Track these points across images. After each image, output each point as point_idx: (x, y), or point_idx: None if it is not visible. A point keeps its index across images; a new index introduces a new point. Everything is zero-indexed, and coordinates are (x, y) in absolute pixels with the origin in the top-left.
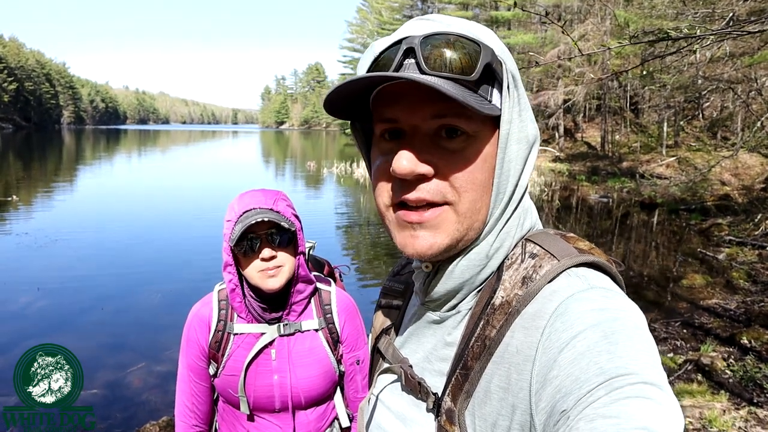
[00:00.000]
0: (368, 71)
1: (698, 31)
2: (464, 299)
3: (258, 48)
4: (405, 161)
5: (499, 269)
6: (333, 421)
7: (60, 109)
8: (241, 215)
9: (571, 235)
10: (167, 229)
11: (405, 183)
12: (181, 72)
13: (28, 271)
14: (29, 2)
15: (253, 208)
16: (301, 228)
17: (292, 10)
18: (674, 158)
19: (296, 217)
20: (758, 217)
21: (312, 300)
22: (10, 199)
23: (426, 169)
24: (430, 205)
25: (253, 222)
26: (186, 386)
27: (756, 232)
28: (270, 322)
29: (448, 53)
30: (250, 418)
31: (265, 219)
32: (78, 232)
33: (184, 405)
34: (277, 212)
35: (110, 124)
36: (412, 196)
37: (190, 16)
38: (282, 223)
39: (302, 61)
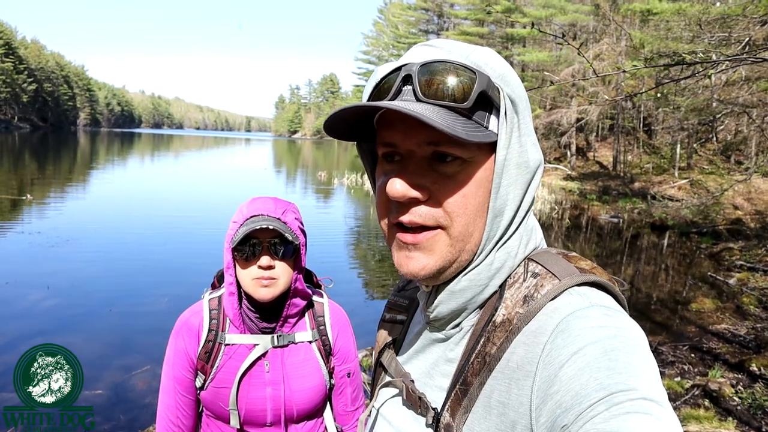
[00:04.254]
0: (370, 95)
1: (714, 56)
2: (467, 317)
3: (273, 57)
4: (398, 185)
5: (502, 288)
6: None
7: (77, 110)
8: (247, 219)
9: (573, 254)
10: (177, 233)
11: (401, 205)
12: (196, 78)
13: (39, 269)
14: (52, 6)
15: (261, 214)
16: (306, 243)
17: (309, 20)
18: (687, 180)
19: (303, 231)
20: None
21: (306, 312)
22: (24, 198)
23: (417, 193)
24: (424, 227)
25: (257, 228)
26: (170, 399)
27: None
28: (264, 331)
29: (444, 81)
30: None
31: (270, 227)
32: (90, 233)
33: (168, 419)
34: (284, 223)
35: (125, 127)
36: (405, 218)
37: (208, 24)
38: (286, 235)
39: (317, 71)
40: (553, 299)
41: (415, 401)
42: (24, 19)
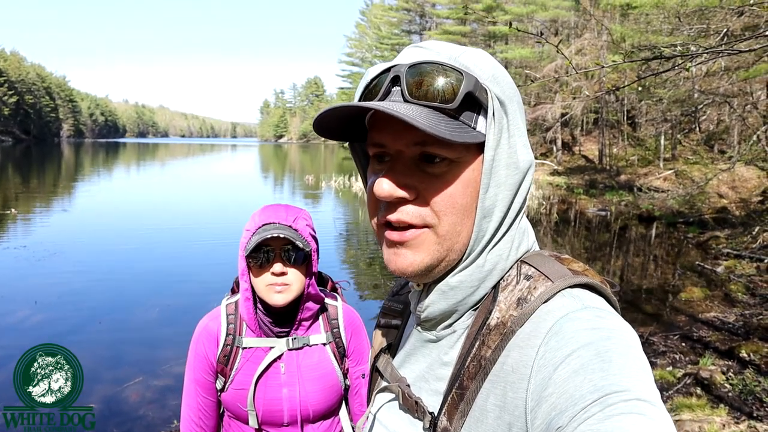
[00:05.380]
0: (361, 96)
1: (692, 48)
2: (460, 319)
3: (257, 62)
4: (385, 185)
5: (495, 290)
6: None
7: (59, 122)
8: (259, 227)
9: (566, 256)
10: (165, 243)
11: (389, 204)
12: (180, 86)
13: (25, 284)
14: (31, 16)
15: (273, 222)
16: (317, 249)
17: (292, 24)
18: (672, 171)
19: (314, 238)
20: (756, 229)
21: (320, 315)
22: (8, 212)
23: (404, 193)
24: (412, 226)
25: (269, 236)
26: (193, 401)
27: (754, 245)
28: (279, 335)
29: (431, 82)
30: (259, 431)
31: (281, 235)
32: (76, 245)
33: (191, 420)
34: (295, 230)
35: (109, 137)
36: (393, 217)
37: (191, 31)
38: (297, 242)
39: (301, 75)
40: (546, 301)
41: (411, 406)
42: (2, 31)
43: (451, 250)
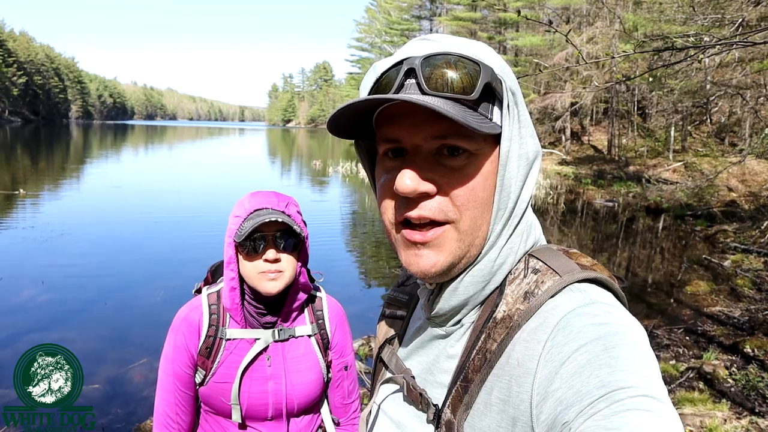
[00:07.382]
0: (370, 91)
1: (705, 38)
2: (468, 313)
3: (266, 46)
4: (408, 180)
5: (502, 284)
6: (318, 428)
7: (68, 103)
8: (251, 212)
9: (574, 251)
10: (172, 225)
11: (408, 201)
12: (189, 69)
13: (33, 264)
14: None
15: (265, 208)
16: (307, 236)
17: (301, 8)
18: (681, 163)
19: (304, 224)
20: (764, 224)
21: (305, 306)
22: (16, 192)
23: (428, 187)
24: (433, 223)
25: (265, 221)
26: (169, 395)
27: (762, 240)
28: (264, 326)
29: (449, 73)
30: (242, 426)
31: (278, 219)
32: (84, 227)
33: (166, 415)
34: (288, 215)
35: (118, 119)
36: (414, 213)
37: (200, 14)
38: (293, 227)
39: (310, 59)
40: (553, 296)
41: (416, 398)
42: (12, 10)
43: (472, 245)
